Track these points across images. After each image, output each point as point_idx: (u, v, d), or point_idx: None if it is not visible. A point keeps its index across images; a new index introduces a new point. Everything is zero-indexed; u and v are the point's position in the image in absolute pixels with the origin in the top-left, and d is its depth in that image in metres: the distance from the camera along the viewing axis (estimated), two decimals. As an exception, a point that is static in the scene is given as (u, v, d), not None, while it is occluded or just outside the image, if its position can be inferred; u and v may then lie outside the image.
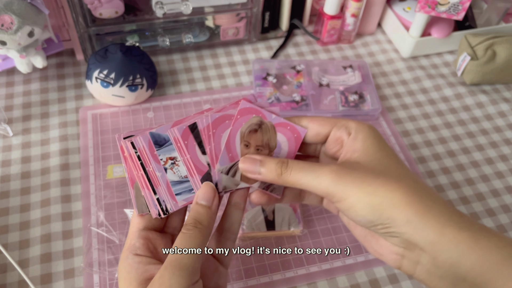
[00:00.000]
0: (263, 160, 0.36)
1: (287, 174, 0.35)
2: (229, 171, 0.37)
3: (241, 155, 0.37)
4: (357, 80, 0.65)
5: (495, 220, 0.54)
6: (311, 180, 0.34)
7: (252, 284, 0.47)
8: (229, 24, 0.68)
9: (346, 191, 0.32)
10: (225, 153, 0.37)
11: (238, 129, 0.37)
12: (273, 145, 0.38)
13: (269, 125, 0.38)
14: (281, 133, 0.38)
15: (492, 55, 0.66)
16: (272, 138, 0.38)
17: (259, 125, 0.38)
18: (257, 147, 0.38)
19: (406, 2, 0.75)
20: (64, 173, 0.54)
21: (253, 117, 0.38)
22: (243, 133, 0.38)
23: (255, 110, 0.38)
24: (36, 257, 0.47)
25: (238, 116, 0.37)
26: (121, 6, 0.62)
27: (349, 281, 0.48)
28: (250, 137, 0.38)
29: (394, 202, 0.31)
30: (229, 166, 0.37)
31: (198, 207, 0.35)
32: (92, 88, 0.58)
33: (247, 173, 0.36)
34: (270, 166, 0.35)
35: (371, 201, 0.32)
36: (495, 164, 0.60)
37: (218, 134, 0.37)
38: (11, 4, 0.51)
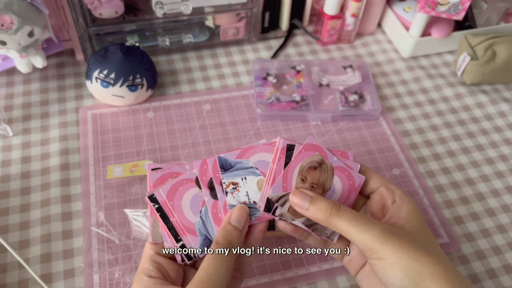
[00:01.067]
0: (314, 197, 0.37)
1: (337, 218, 0.35)
2: (279, 200, 0.38)
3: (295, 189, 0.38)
4: (357, 80, 0.65)
5: (495, 220, 0.54)
6: (360, 231, 0.34)
7: (252, 284, 0.47)
8: (229, 24, 0.68)
9: (391, 251, 0.33)
10: (280, 182, 0.38)
11: (299, 162, 0.38)
12: (328, 186, 0.39)
13: (329, 166, 0.39)
14: (338, 177, 0.39)
15: (492, 55, 0.66)
16: (329, 179, 0.39)
17: (319, 163, 0.38)
18: (312, 184, 0.38)
19: (406, 2, 0.75)
20: (64, 173, 0.54)
21: (316, 154, 0.38)
22: (303, 168, 0.38)
23: (320, 148, 0.39)
24: (36, 257, 0.47)
25: (302, 150, 0.38)
26: (121, 6, 0.62)
27: (349, 281, 0.48)
28: (308, 173, 0.38)
29: (434, 274, 0.32)
30: (280, 195, 0.38)
31: (231, 228, 0.36)
32: (92, 88, 0.58)
33: (296, 206, 0.37)
34: (320, 205, 0.36)
35: (412, 267, 0.32)
36: (495, 164, 0.60)
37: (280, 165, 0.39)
38: (11, 4, 0.51)
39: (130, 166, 0.54)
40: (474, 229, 0.53)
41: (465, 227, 0.53)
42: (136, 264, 0.47)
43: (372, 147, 0.60)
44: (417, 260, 0.33)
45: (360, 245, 0.35)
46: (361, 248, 0.35)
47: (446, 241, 0.51)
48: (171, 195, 0.38)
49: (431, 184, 0.57)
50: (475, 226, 0.53)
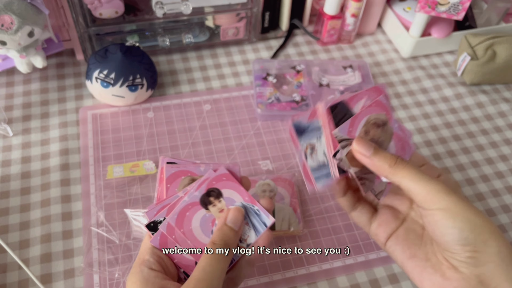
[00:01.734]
0: (378, 148, 0.37)
1: (400, 167, 0.35)
2: (342, 141, 0.38)
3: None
4: (357, 80, 0.65)
5: (495, 220, 0.54)
6: (424, 182, 0.34)
7: (252, 284, 0.47)
8: (229, 24, 0.68)
9: (454, 202, 0.33)
10: (347, 124, 0.38)
11: (368, 114, 0.38)
12: (384, 148, 0.39)
13: (390, 130, 0.39)
14: (394, 143, 0.39)
15: (492, 55, 0.66)
16: (386, 141, 0.39)
17: (384, 123, 0.39)
18: (372, 139, 0.39)
19: (406, 2, 0.75)
20: (64, 173, 0.54)
21: (383, 113, 0.39)
22: (370, 120, 0.38)
23: (388, 110, 0.39)
24: (36, 257, 0.47)
25: (373, 105, 0.39)
26: (121, 6, 0.62)
27: (349, 281, 0.48)
28: (372, 127, 0.38)
29: (492, 230, 0.33)
30: (344, 137, 0.38)
31: (227, 229, 0.36)
32: (92, 88, 0.58)
33: (358, 154, 0.37)
34: (384, 154, 0.36)
35: (474, 219, 0.33)
36: (495, 164, 0.60)
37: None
38: (11, 4, 0.51)
39: (130, 166, 0.54)
40: (474, 229, 0.53)
41: (465, 227, 0.53)
42: (136, 264, 0.47)
43: (372, 147, 0.60)
44: (478, 214, 0.33)
45: (423, 195, 0.34)
46: (423, 197, 0.34)
47: (446, 241, 0.51)
48: (180, 223, 0.37)
49: (431, 184, 0.57)
50: (475, 226, 0.53)
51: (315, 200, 0.53)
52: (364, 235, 0.51)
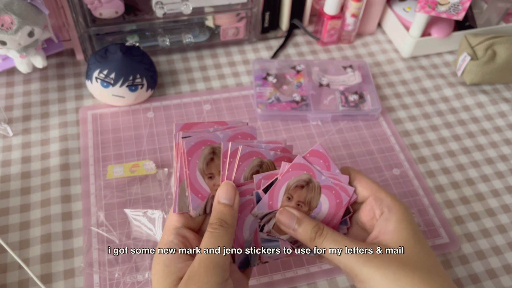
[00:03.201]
0: (301, 219, 0.37)
1: (319, 241, 0.36)
2: (264, 218, 0.38)
3: (280, 206, 0.38)
4: (357, 80, 0.65)
5: (495, 220, 0.54)
6: (342, 254, 0.35)
7: (252, 284, 0.47)
8: (229, 24, 0.68)
9: (370, 274, 0.33)
10: (266, 200, 0.38)
11: (287, 181, 0.38)
12: (314, 205, 0.39)
13: (316, 185, 0.39)
14: (325, 195, 0.39)
15: (492, 55, 0.66)
16: (316, 198, 0.39)
17: (307, 182, 0.39)
18: (298, 202, 0.39)
19: (406, 2, 0.75)
20: (64, 173, 0.54)
21: (304, 173, 0.38)
22: (290, 186, 0.38)
23: (308, 167, 0.39)
24: (36, 257, 0.47)
25: (290, 169, 0.38)
26: (121, 6, 0.62)
27: (349, 281, 0.48)
28: (295, 191, 0.38)
29: None
30: (265, 213, 0.38)
31: (220, 206, 0.36)
32: (92, 88, 0.58)
33: (282, 226, 0.38)
34: (306, 227, 0.37)
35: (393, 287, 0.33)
36: (495, 164, 0.60)
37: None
38: (11, 4, 0.51)
39: (130, 166, 0.54)
40: (474, 229, 0.53)
41: (465, 227, 0.53)
42: (136, 264, 0.47)
43: (372, 147, 0.60)
44: (396, 282, 0.33)
45: (342, 267, 0.35)
46: (343, 270, 0.35)
47: (446, 241, 0.51)
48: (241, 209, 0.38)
49: (431, 184, 0.57)
50: (475, 226, 0.53)
51: (315, 200, 0.53)
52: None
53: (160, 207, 0.51)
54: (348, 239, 0.36)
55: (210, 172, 0.38)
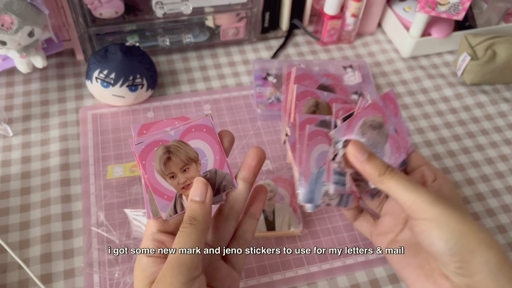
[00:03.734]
0: (372, 154, 0.37)
1: (388, 177, 0.36)
2: (337, 143, 0.39)
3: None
4: (357, 80, 0.65)
5: (495, 220, 0.54)
6: (410, 191, 0.35)
7: (252, 284, 0.47)
8: (229, 24, 0.68)
9: (439, 212, 0.33)
10: (343, 126, 0.38)
11: (364, 116, 0.39)
12: (379, 149, 0.40)
13: (386, 132, 0.40)
14: (389, 145, 0.40)
15: (492, 55, 0.66)
16: (382, 143, 0.41)
17: (380, 125, 0.40)
18: (368, 141, 0.39)
19: (406, 2, 0.75)
20: (64, 173, 0.54)
21: (379, 116, 0.40)
22: (366, 122, 0.39)
23: (384, 112, 0.40)
24: (36, 257, 0.47)
25: (370, 107, 0.40)
26: (121, 6, 0.62)
27: (349, 281, 0.48)
28: (368, 130, 0.40)
29: (480, 238, 0.33)
30: (340, 139, 0.39)
31: (192, 204, 0.35)
32: (92, 88, 0.58)
33: (351, 157, 0.38)
34: (376, 162, 0.37)
35: (460, 228, 0.33)
36: (495, 164, 0.60)
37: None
38: (11, 4, 0.51)
39: (130, 166, 0.54)
40: (474, 229, 0.53)
41: (465, 227, 0.53)
42: (136, 264, 0.47)
43: (372, 147, 0.60)
44: (464, 223, 0.33)
45: (408, 205, 0.35)
46: (408, 208, 0.35)
47: (446, 241, 0.51)
48: (310, 139, 0.39)
49: (431, 184, 0.57)
50: (475, 226, 0.53)
51: (315, 200, 0.53)
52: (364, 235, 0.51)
53: (160, 207, 0.51)
54: (414, 181, 0.36)
55: (171, 172, 0.37)
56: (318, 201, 0.39)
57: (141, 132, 0.38)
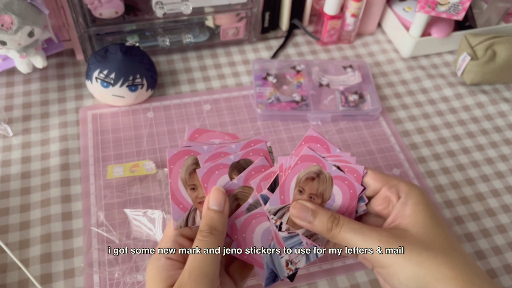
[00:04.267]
0: (316, 210, 0.36)
1: (336, 231, 0.35)
2: (277, 213, 0.37)
3: (293, 200, 0.38)
4: (357, 80, 0.65)
5: (495, 220, 0.54)
6: (359, 242, 0.34)
7: (252, 284, 0.47)
8: (229, 24, 0.68)
9: (392, 259, 0.33)
10: (276, 195, 0.37)
11: (296, 174, 0.38)
12: (327, 196, 0.38)
13: (327, 176, 0.38)
14: (337, 186, 0.38)
15: (492, 55, 0.66)
16: (328, 189, 0.38)
17: (317, 174, 0.38)
18: (310, 195, 0.38)
19: (406, 2, 0.75)
20: (64, 173, 0.54)
21: (313, 165, 0.38)
22: (300, 179, 0.38)
23: (317, 159, 0.38)
24: (36, 257, 0.47)
25: (299, 162, 0.38)
26: (121, 6, 0.62)
27: (349, 281, 0.48)
28: (306, 184, 0.38)
29: (439, 276, 0.31)
30: (278, 208, 0.37)
31: (210, 213, 0.35)
32: (92, 88, 0.58)
33: (296, 219, 0.37)
34: (322, 218, 0.36)
35: (416, 272, 0.32)
36: (495, 164, 0.60)
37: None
38: (11, 4, 0.51)
39: (130, 166, 0.54)
40: (474, 229, 0.53)
41: (465, 227, 0.53)
42: (136, 264, 0.47)
43: (372, 147, 0.60)
44: (420, 264, 0.32)
45: (363, 253, 0.34)
46: (364, 257, 0.35)
47: (446, 241, 0.51)
48: (245, 228, 0.37)
49: (431, 184, 0.57)
50: (475, 226, 0.53)
51: (315, 200, 0.53)
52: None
53: (160, 207, 0.51)
54: (365, 226, 0.35)
55: (193, 183, 0.37)
56: (283, 274, 0.38)
57: (193, 136, 0.39)
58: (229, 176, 0.38)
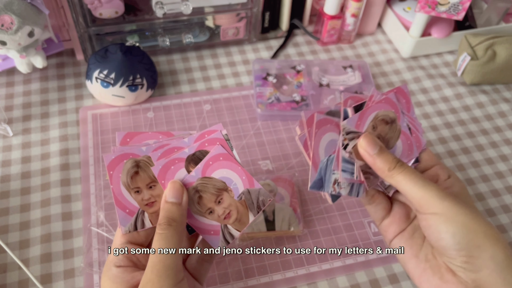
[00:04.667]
0: (383, 148, 0.37)
1: (398, 171, 0.36)
2: (349, 134, 0.38)
3: (365, 131, 0.38)
4: (357, 80, 0.65)
5: (495, 220, 0.54)
6: (419, 186, 0.35)
7: (252, 284, 0.47)
8: (229, 24, 0.68)
9: (448, 206, 0.33)
10: (356, 117, 0.38)
11: (377, 110, 0.39)
12: (391, 145, 0.39)
13: (398, 127, 0.39)
14: (401, 142, 0.39)
15: (492, 55, 0.66)
16: (394, 139, 0.39)
17: (392, 120, 0.39)
18: (379, 135, 0.39)
19: (406, 2, 0.75)
20: (64, 173, 0.54)
21: (392, 111, 0.39)
22: (377, 116, 0.39)
23: (397, 108, 0.40)
24: (36, 257, 0.47)
25: (383, 101, 0.39)
26: (121, 6, 0.62)
27: (349, 281, 0.48)
28: (380, 124, 0.39)
29: (487, 234, 0.33)
30: (352, 130, 0.38)
31: (168, 205, 0.35)
32: (92, 88, 0.58)
33: (362, 149, 0.37)
34: (387, 156, 0.36)
35: (467, 223, 0.33)
36: (495, 164, 0.60)
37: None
38: (11, 4, 0.51)
39: (130, 166, 0.54)
40: (474, 229, 0.53)
41: (465, 227, 0.53)
42: (136, 264, 0.47)
43: (372, 147, 0.60)
44: (472, 218, 0.33)
45: (417, 199, 0.35)
46: (417, 202, 0.35)
47: (446, 241, 0.51)
48: (319, 125, 0.38)
49: (431, 184, 0.57)
50: (475, 226, 0.53)
51: (315, 200, 0.53)
52: (364, 235, 0.51)
53: (160, 207, 0.51)
54: (423, 176, 0.36)
55: (136, 186, 0.37)
56: (328, 188, 0.38)
57: (125, 140, 0.38)
58: (186, 170, 0.37)
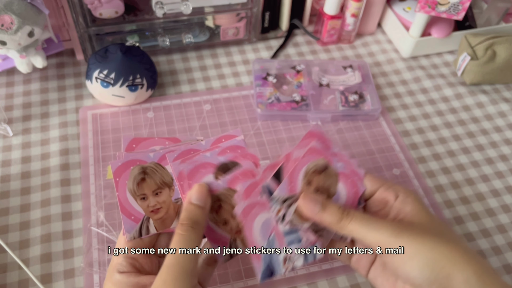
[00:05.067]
0: (325, 203, 0.36)
1: (346, 222, 0.35)
2: (285, 201, 0.37)
3: (300, 191, 0.37)
4: (357, 80, 0.65)
5: (495, 220, 0.54)
6: (371, 231, 0.34)
7: (252, 284, 0.47)
8: (229, 24, 0.68)
9: (406, 244, 0.32)
10: (286, 182, 0.37)
11: (305, 164, 0.37)
12: (333, 192, 0.38)
13: (334, 172, 0.38)
14: (342, 183, 0.38)
15: (492, 55, 0.66)
16: (333, 185, 0.38)
17: (325, 167, 0.38)
18: (317, 188, 0.38)
19: (406, 2, 0.75)
20: (64, 173, 0.54)
21: (321, 158, 0.38)
22: (309, 170, 0.37)
23: (324, 153, 0.38)
24: (36, 257, 0.47)
25: (307, 154, 0.38)
26: (121, 6, 0.62)
27: (349, 281, 0.48)
28: (314, 176, 0.38)
29: (454, 259, 0.32)
30: (286, 197, 0.37)
31: (193, 207, 0.35)
32: (92, 88, 0.58)
33: (305, 211, 0.36)
34: (331, 209, 0.35)
35: (430, 256, 0.32)
36: (495, 164, 0.60)
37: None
38: (11, 4, 0.51)
39: (130, 166, 0.54)
40: (474, 229, 0.53)
41: (465, 227, 0.53)
42: (136, 264, 0.47)
43: (372, 147, 0.60)
44: (434, 248, 0.32)
45: (374, 244, 0.34)
46: (375, 246, 0.34)
47: (446, 241, 0.51)
48: (245, 214, 0.36)
49: (431, 184, 0.57)
50: (475, 226, 0.53)
51: (315, 200, 0.53)
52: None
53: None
54: (374, 217, 0.35)
55: (142, 193, 0.36)
56: (280, 270, 0.37)
57: (131, 146, 0.38)
58: (214, 176, 0.37)
